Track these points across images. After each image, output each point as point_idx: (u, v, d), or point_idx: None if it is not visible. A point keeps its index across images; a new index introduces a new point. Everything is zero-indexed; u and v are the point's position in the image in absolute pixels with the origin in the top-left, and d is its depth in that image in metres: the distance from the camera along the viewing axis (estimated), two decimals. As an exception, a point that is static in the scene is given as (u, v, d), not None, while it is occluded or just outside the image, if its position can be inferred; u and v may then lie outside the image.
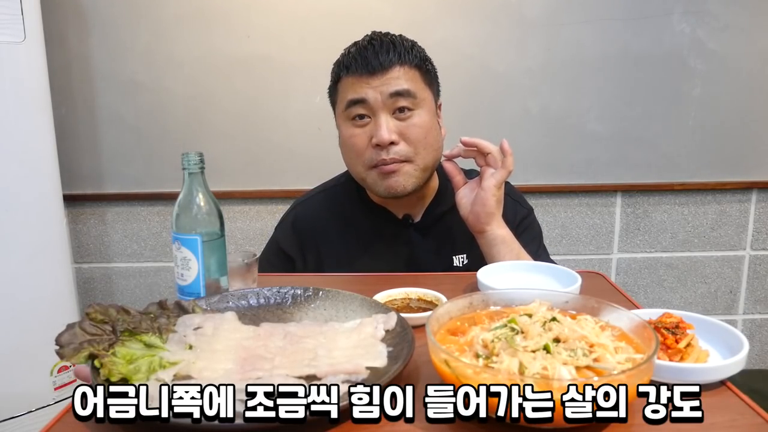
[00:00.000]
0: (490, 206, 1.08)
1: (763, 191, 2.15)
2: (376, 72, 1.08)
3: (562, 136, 2.06)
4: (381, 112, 1.09)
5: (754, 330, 2.27)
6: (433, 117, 1.15)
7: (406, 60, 1.10)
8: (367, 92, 1.08)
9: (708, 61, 2.02)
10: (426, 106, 1.12)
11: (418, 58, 1.12)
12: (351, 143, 1.13)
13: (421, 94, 1.11)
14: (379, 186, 1.13)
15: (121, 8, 1.96)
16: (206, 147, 1.95)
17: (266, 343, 0.72)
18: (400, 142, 1.09)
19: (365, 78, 1.09)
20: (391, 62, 1.08)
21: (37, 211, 1.65)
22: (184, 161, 0.84)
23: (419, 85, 1.12)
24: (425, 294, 0.91)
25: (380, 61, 1.08)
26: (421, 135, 1.10)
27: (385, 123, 1.08)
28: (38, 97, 1.65)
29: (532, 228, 1.26)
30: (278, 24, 1.97)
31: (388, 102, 1.08)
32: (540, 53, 2.01)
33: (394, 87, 1.08)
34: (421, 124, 1.10)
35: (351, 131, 1.13)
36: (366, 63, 1.08)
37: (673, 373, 0.63)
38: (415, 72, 1.11)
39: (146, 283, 2.18)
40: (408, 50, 1.11)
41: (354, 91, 1.10)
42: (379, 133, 1.08)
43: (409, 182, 1.12)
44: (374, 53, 1.09)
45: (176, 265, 0.85)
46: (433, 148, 1.13)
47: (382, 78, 1.08)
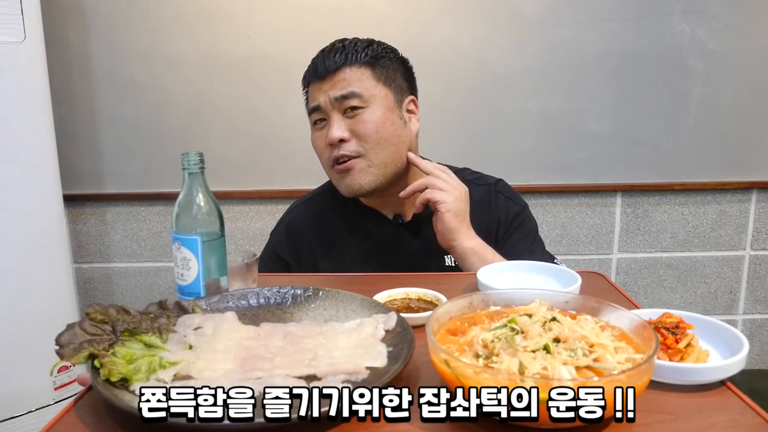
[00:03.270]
0: (448, 223, 1.09)
1: (763, 191, 2.15)
2: (325, 76, 1.14)
3: (562, 136, 2.06)
4: (332, 114, 1.14)
5: (754, 330, 2.27)
6: (388, 112, 1.15)
7: (353, 61, 1.13)
8: (319, 97, 1.14)
9: (708, 61, 2.02)
10: (377, 102, 1.13)
11: (369, 56, 1.14)
12: (314, 146, 1.20)
13: (369, 92, 1.13)
14: (340, 185, 1.18)
15: (121, 8, 1.96)
16: (206, 147, 1.94)
17: (266, 343, 0.72)
18: (350, 139, 1.13)
19: (318, 83, 1.15)
20: (336, 64, 1.13)
21: (37, 211, 1.65)
22: (184, 161, 0.84)
23: (368, 83, 1.14)
24: (425, 294, 0.91)
25: (326, 66, 1.14)
26: (371, 130, 1.12)
27: (336, 123, 1.13)
28: (38, 97, 1.65)
29: (525, 224, 1.26)
30: (278, 24, 1.98)
31: (336, 104, 1.13)
32: (540, 53, 2.01)
33: (339, 90, 1.12)
34: (370, 119, 1.12)
35: (314, 135, 1.20)
36: (315, 69, 1.16)
37: (673, 373, 0.63)
38: (364, 70, 1.14)
39: (146, 283, 2.18)
40: (357, 51, 1.14)
41: (312, 98, 1.17)
42: (329, 132, 1.13)
43: (365, 179, 1.14)
44: (322, 59, 1.15)
45: (176, 265, 0.85)
46: (389, 143, 1.14)
47: (331, 81, 1.13)
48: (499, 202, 1.26)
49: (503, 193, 1.28)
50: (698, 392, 0.63)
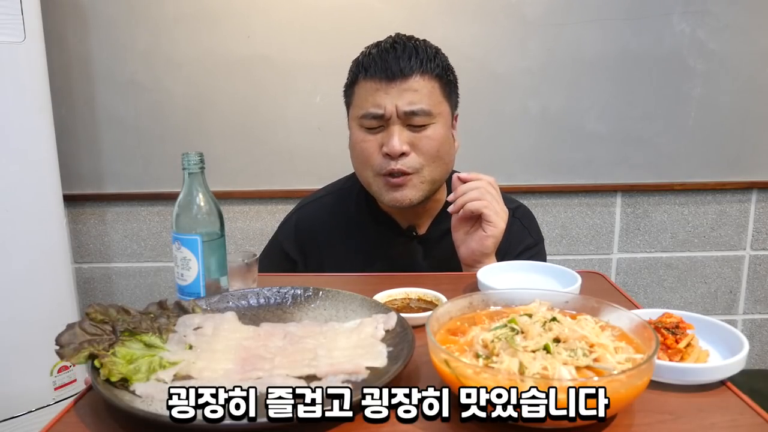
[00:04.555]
0: (487, 248, 1.06)
1: (763, 191, 2.15)
2: (395, 79, 1.04)
3: (562, 136, 2.06)
4: (395, 123, 1.06)
5: (754, 330, 2.27)
6: (448, 130, 1.12)
7: (427, 69, 1.06)
8: (385, 104, 1.05)
9: (708, 61, 2.02)
10: (442, 120, 1.09)
11: (440, 68, 1.09)
12: (360, 148, 1.11)
13: (437, 109, 1.08)
14: (384, 196, 1.11)
15: (121, 8, 1.96)
16: (206, 147, 1.95)
17: (266, 343, 0.72)
18: (410, 153, 1.07)
19: (384, 85, 1.05)
20: (412, 69, 1.05)
21: (37, 211, 1.65)
22: (184, 161, 0.84)
23: (437, 99, 1.08)
24: (425, 294, 0.91)
25: (401, 67, 1.04)
26: (434, 148, 1.08)
27: (398, 134, 1.06)
28: (38, 97, 1.65)
29: (534, 259, 1.18)
30: (278, 24, 1.97)
31: (403, 117, 1.06)
32: (540, 53, 2.00)
33: (410, 105, 1.05)
34: (434, 137, 1.08)
35: (362, 136, 1.10)
36: (386, 67, 1.05)
37: (673, 373, 0.63)
38: (434, 83, 1.08)
39: (146, 283, 2.18)
40: (431, 58, 1.07)
41: (372, 102, 1.07)
42: (390, 143, 1.05)
43: (416, 195, 1.10)
44: (395, 58, 1.05)
45: (176, 265, 0.85)
46: (443, 162, 1.11)
47: (401, 86, 1.05)
48: (514, 229, 1.20)
49: (521, 221, 1.23)
50: (698, 392, 0.63)
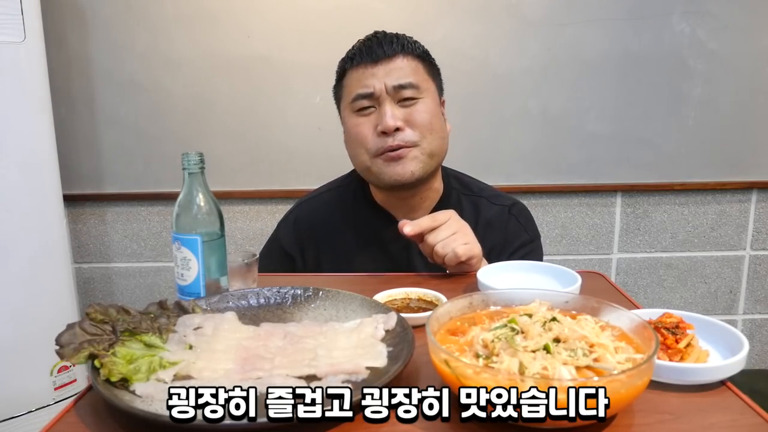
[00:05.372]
0: (476, 266, 1.04)
1: (763, 191, 2.15)
2: (380, 60, 1.10)
3: (562, 136, 2.06)
4: (386, 102, 1.10)
5: (754, 330, 2.27)
6: (438, 106, 1.17)
7: (409, 50, 1.13)
8: (374, 83, 1.10)
9: (708, 61, 2.02)
10: (430, 96, 1.14)
11: (421, 50, 1.15)
12: (355, 132, 1.14)
13: (424, 85, 1.13)
14: (384, 174, 1.12)
15: (121, 8, 1.96)
16: (206, 147, 1.95)
17: (266, 343, 0.72)
18: (405, 129, 1.10)
19: (370, 68, 1.11)
20: (395, 51, 1.11)
21: (37, 211, 1.65)
22: (184, 161, 0.84)
23: (422, 76, 1.14)
24: (425, 294, 0.91)
25: (384, 50, 1.11)
26: (426, 120, 1.11)
27: (390, 110, 1.09)
28: (38, 97, 1.65)
29: (531, 256, 1.20)
30: (278, 24, 1.98)
31: (392, 93, 1.10)
32: (540, 53, 2.01)
33: (397, 79, 1.10)
34: (425, 110, 1.12)
35: (356, 121, 1.14)
36: (370, 52, 1.11)
37: (673, 373, 0.63)
38: (418, 63, 1.14)
39: (146, 283, 2.18)
40: (411, 42, 1.14)
41: (360, 84, 1.12)
42: (384, 120, 1.09)
43: (417, 168, 1.12)
44: (378, 43, 1.12)
45: (176, 265, 0.85)
46: (438, 136, 1.14)
47: (387, 67, 1.10)
48: (510, 226, 1.22)
49: (517, 218, 1.24)
50: (698, 392, 0.63)
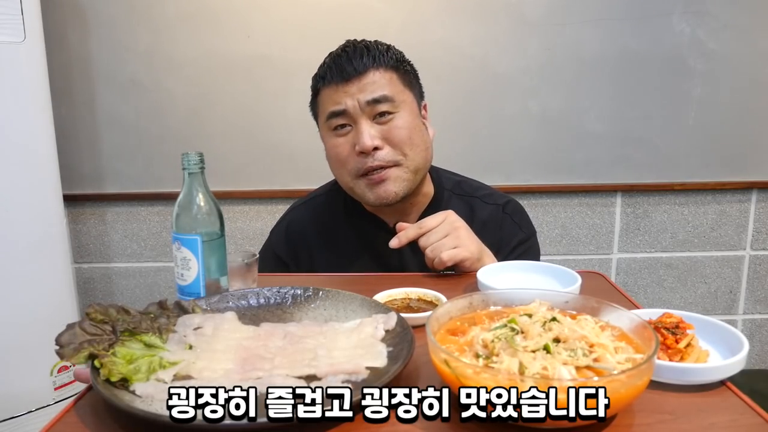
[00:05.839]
0: (471, 268, 1.04)
1: (763, 191, 2.15)
2: (351, 78, 1.06)
3: (562, 136, 2.06)
4: (361, 119, 1.07)
5: (754, 330, 2.27)
6: (416, 117, 1.12)
7: (381, 62, 1.08)
8: (346, 101, 1.07)
9: (708, 61, 2.02)
10: (407, 108, 1.10)
11: (394, 60, 1.10)
12: (335, 153, 1.11)
13: (399, 97, 1.09)
14: (368, 195, 1.11)
15: (121, 8, 1.96)
16: (206, 147, 1.95)
17: (266, 343, 0.72)
18: (384, 147, 1.07)
19: (342, 86, 1.07)
20: (366, 66, 1.07)
21: (37, 211, 1.65)
22: (184, 161, 0.84)
23: (397, 87, 1.09)
24: (425, 294, 0.91)
25: (354, 67, 1.06)
26: (405, 136, 1.08)
27: (367, 130, 1.06)
28: (38, 97, 1.65)
29: (528, 253, 1.21)
30: (278, 24, 1.98)
31: (366, 109, 1.07)
32: (540, 53, 2.01)
33: (371, 94, 1.06)
34: (403, 125, 1.08)
35: (334, 141, 1.11)
36: (341, 70, 1.07)
37: (673, 373, 0.63)
38: (391, 74, 1.09)
39: (146, 283, 2.18)
40: (382, 53, 1.09)
41: (333, 101, 1.08)
42: (361, 141, 1.06)
43: (401, 187, 1.10)
44: (348, 59, 1.07)
45: (176, 265, 0.85)
46: (420, 149, 1.11)
47: (359, 84, 1.06)
48: (505, 225, 1.21)
49: (512, 216, 1.23)
50: (698, 392, 0.63)
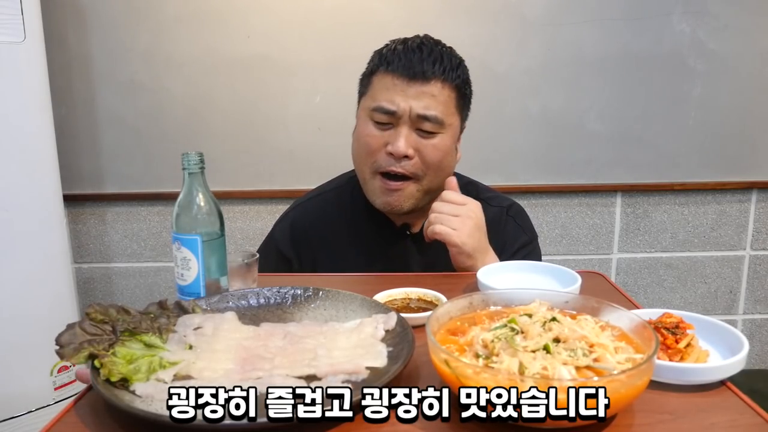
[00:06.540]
0: (462, 264, 1.06)
1: (763, 191, 2.15)
2: (416, 79, 1.04)
3: (562, 136, 2.06)
4: (405, 125, 1.06)
5: (754, 330, 2.27)
6: (453, 143, 1.12)
7: (448, 77, 1.06)
8: (399, 103, 1.04)
9: (708, 61, 2.02)
10: (450, 132, 1.09)
11: (461, 79, 1.09)
12: (365, 142, 1.09)
13: (448, 120, 1.08)
14: (377, 197, 1.12)
15: (121, 8, 1.96)
16: (206, 147, 1.94)
17: (266, 343, 0.72)
18: (414, 158, 1.07)
19: (402, 84, 1.05)
20: (434, 74, 1.04)
21: (37, 211, 1.65)
22: (184, 161, 0.84)
23: (450, 109, 1.08)
24: (425, 294, 0.91)
25: (423, 69, 1.04)
26: (437, 158, 1.08)
27: (405, 135, 1.05)
28: (38, 97, 1.65)
29: (530, 257, 1.21)
30: (278, 24, 1.97)
31: (414, 119, 1.05)
32: (540, 53, 2.01)
33: (425, 109, 1.04)
34: (440, 147, 1.08)
35: (369, 130, 1.09)
36: (409, 66, 1.04)
37: (673, 373, 0.63)
38: (452, 93, 1.08)
39: (146, 283, 2.18)
40: (454, 68, 1.07)
41: (387, 97, 1.06)
42: (396, 144, 1.05)
43: (409, 203, 1.11)
44: (420, 59, 1.04)
45: (176, 265, 0.85)
46: (443, 174, 1.11)
47: (420, 89, 1.04)
48: (508, 228, 1.21)
49: (515, 219, 1.23)
50: (698, 392, 0.63)
